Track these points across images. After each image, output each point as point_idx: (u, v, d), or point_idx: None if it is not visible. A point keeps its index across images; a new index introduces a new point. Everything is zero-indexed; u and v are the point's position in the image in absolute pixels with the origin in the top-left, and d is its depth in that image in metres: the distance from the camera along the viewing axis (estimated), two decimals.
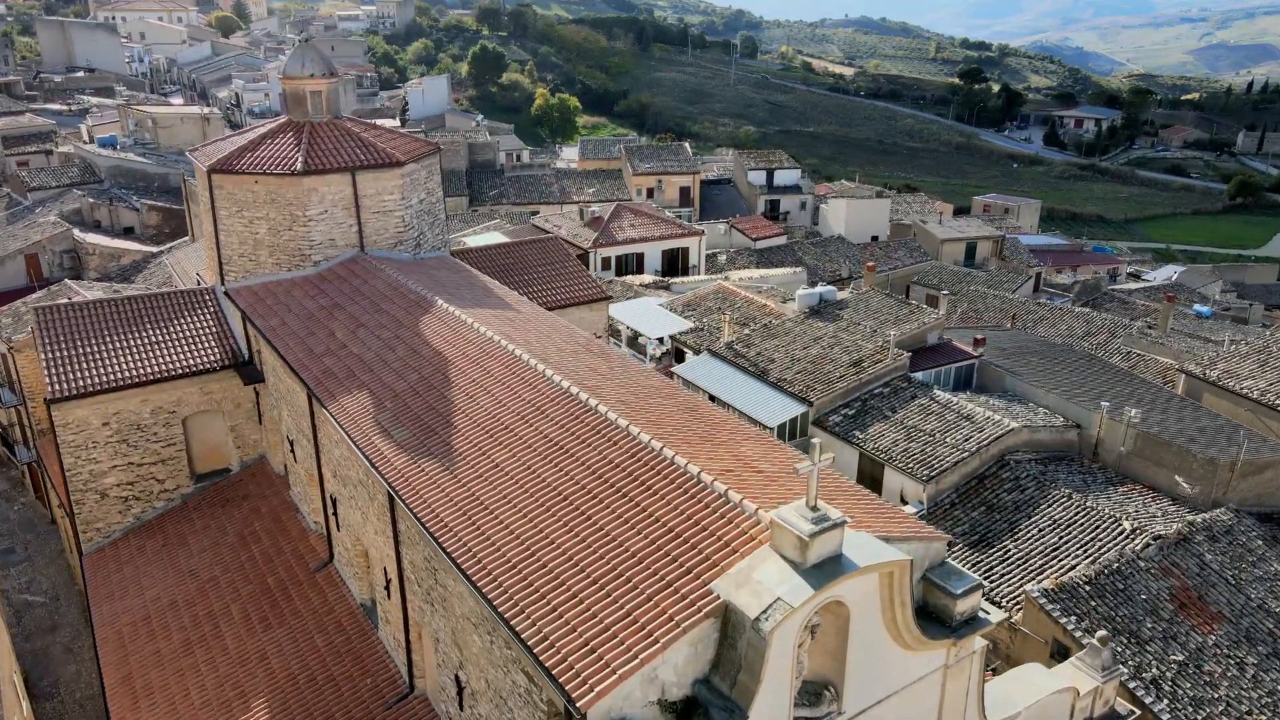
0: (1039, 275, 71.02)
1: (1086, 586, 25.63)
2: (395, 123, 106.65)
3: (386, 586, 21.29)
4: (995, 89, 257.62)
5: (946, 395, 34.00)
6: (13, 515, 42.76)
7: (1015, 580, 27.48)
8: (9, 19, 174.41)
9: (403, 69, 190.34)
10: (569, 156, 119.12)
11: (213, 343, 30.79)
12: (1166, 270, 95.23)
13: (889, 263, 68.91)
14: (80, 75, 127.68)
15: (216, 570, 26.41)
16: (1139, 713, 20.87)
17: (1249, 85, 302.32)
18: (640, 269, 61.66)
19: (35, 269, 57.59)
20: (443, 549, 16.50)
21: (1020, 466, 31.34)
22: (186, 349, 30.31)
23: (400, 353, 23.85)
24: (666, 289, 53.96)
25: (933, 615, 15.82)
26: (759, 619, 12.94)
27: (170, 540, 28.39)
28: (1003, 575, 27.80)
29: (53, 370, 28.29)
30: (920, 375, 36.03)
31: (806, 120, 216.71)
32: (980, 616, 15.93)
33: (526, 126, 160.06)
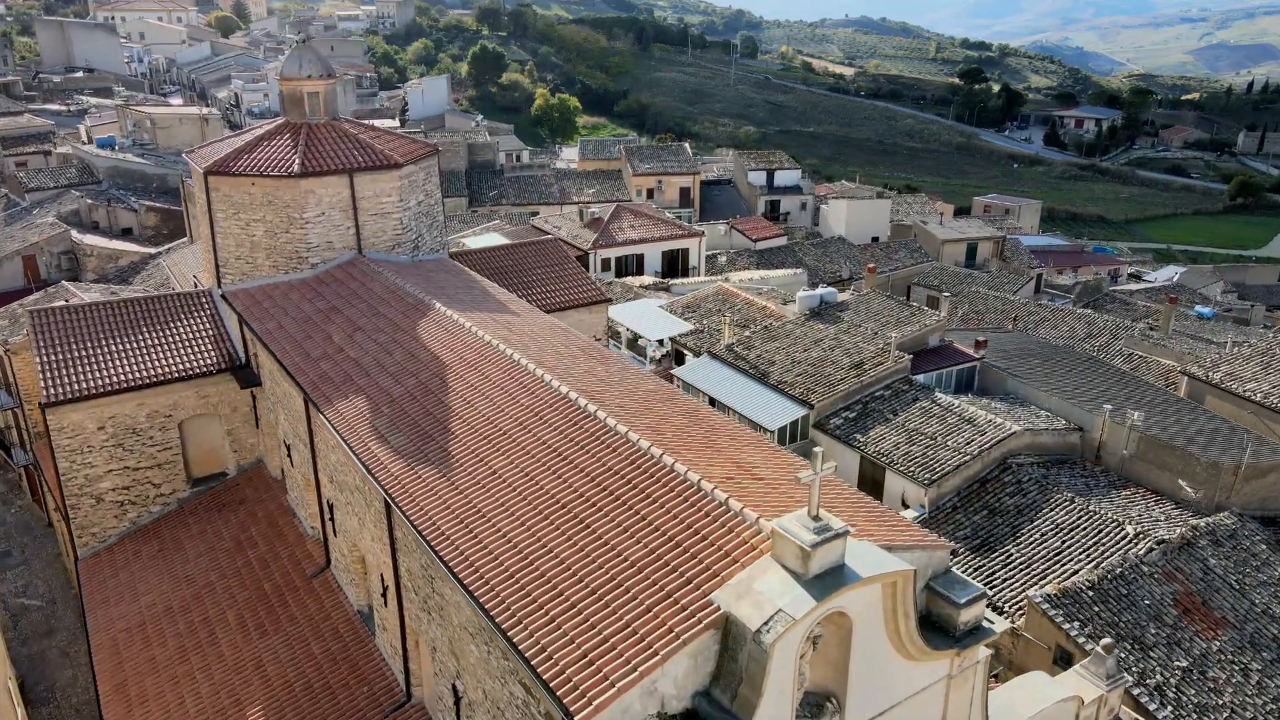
0: (1040, 276, 70.82)
1: (1090, 591, 25.44)
2: (395, 123, 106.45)
3: (384, 594, 21.08)
4: (995, 89, 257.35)
5: (948, 398, 33.80)
6: (9, 518, 42.56)
7: (1018, 585, 27.28)
8: (8, 19, 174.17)
9: (402, 69, 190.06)
10: (569, 157, 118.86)
11: (209, 346, 30.59)
12: (1167, 271, 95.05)
13: (889, 264, 68.71)
14: (79, 75, 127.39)
15: (212, 576, 26.21)
16: None
17: (1249, 85, 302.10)
18: (640, 270, 61.45)
19: (33, 270, 57.40)
20: (439, 558, 16.29)
21: (1022, 470, 31.14)
22: (183, 352, 30.10)
23: (398, 357, 23.64)
24: (666, 290, 53.75)
25: (936, 625, 15.61)
26: (760, 631, 12.74)
27: (166, 545, 28.18)
28: (1005, 580, 27.60)
29: (48, 374, 28.08)
30: (921, 378, 35.83)
31: (806, 120, 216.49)
32: (984, 626, 15.73)
33: (526, 127, 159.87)
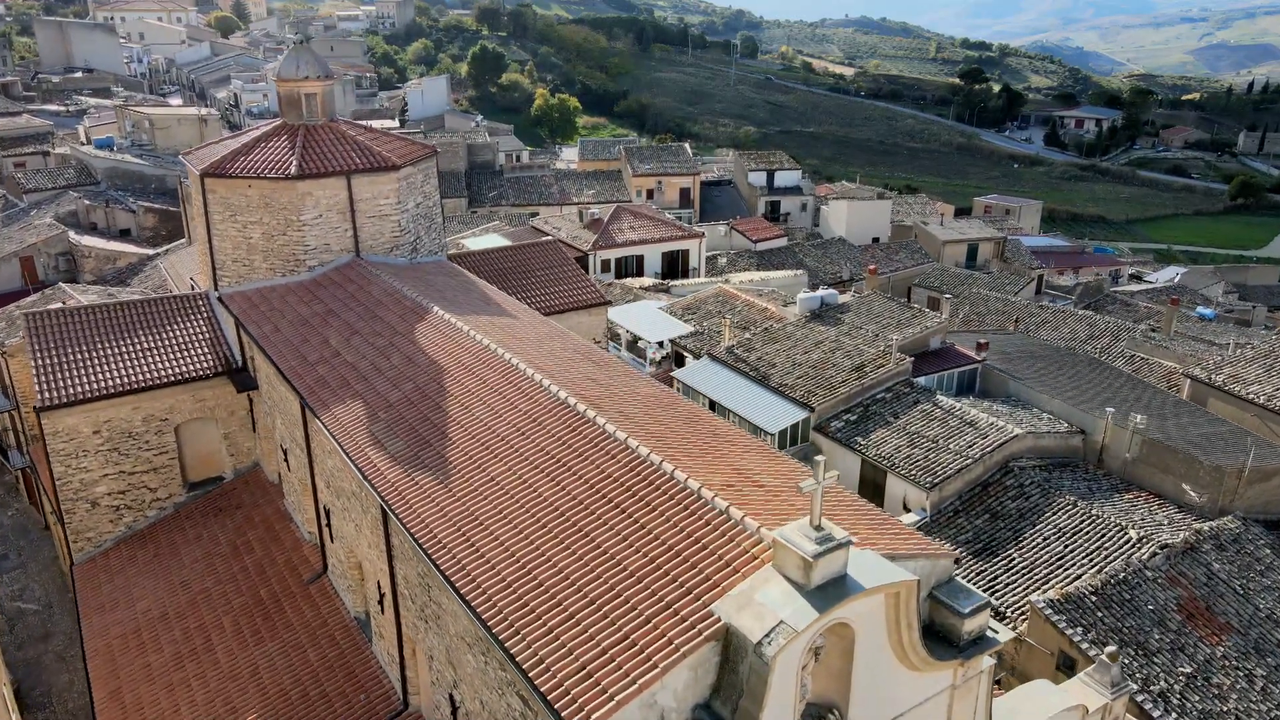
0: (1041, 277, 70.61)
1: (1093, 597, 25.23)
2: (394, 123, 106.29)
3: (380, 601, 20.88)
4: (996, 89, 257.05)
5: (949, 401, 33.59)
6: (6, 521, 42.34)
7: (1020, 590, 27.07)
8: (8, 19, 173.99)
9: (402, 69, 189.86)
10: (569, 157, 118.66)
11: (206, 349, 30.38)
12: (1168, 271, 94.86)
13: (890, 265, 68.52)
14: (78, 76, 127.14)
15: (209, 581, 26.00)
16: None
17: (1249, 85, 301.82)
18: (640, 271, 61.25)
19: (30, 271, 57.20)
20: (436, 566, 16.09)
21: (1024, 473, 30.93)
22: (179, 355, 29.90)
23: (395, 361, 23.43)
24: (666, 292, 53.54)
25: (939, 634, 15.41)
26: (761, 643, 12.53)
27: (162, 550, 27.98)
28: (1007, 585, 27.39)
29: (43, 377, 27.89)
30: (923, 380, 35.61)
31: (807, 121, 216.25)
32: (988, 636, 15.53)
33: (526, 127, 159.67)
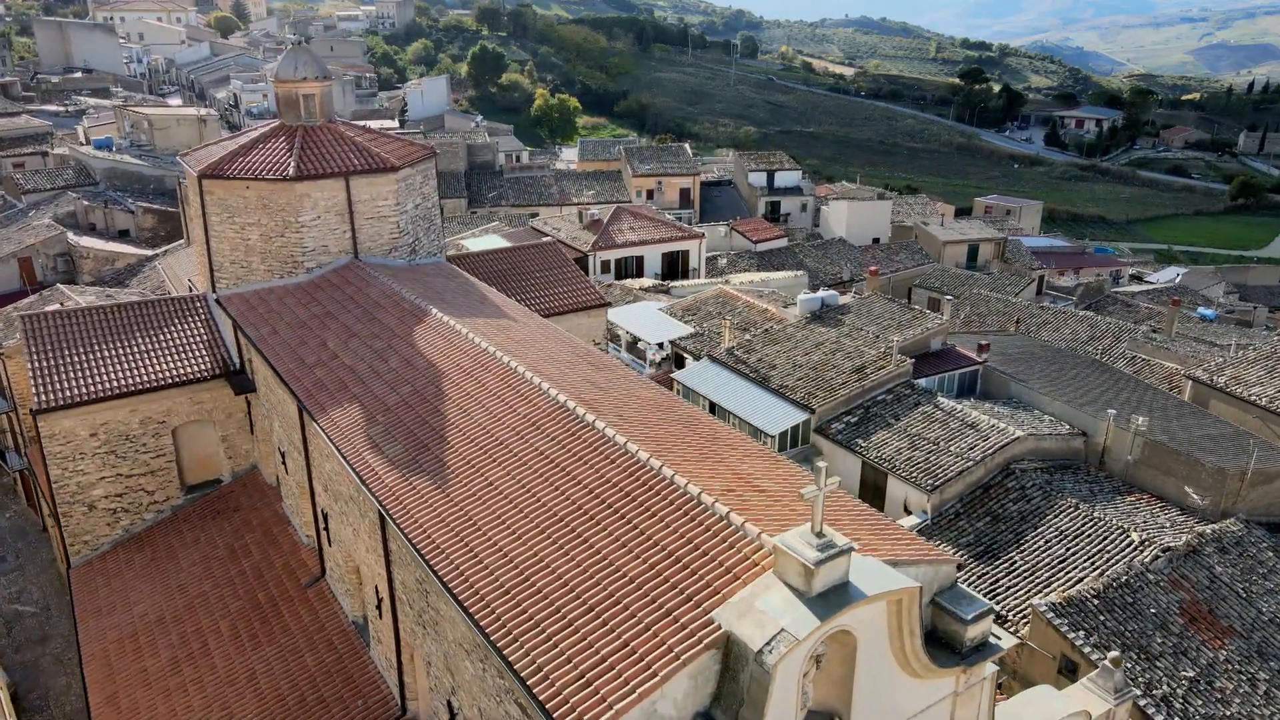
0: (1042, 278, 70.46)
1: (1095, 600, 25.09)
2: (394, 124, 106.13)
3: (378, 606, 20.74)
4: (996, 89, 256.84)
5: (950, 403, 33.45)
6: (4, 523, 42.18)
7: (1022, 593, 26.94)
8: (7, 19, 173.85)
9: (402, 69, 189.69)
10: (569, 157, 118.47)
11: (203, 351, 30.24)
12: (1169, 272, 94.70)
13: (890, 265, 68.37)
14: (78, 76, 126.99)
15: (206, 585, 25.86)
16: None
17: (1250, 85, 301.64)
18: (640, 272, 61.09)
19: (29, 272, 57.07)
20: (434, 572, 15.94)
21: (1026, 476, 30.79)
22: (177, 358, 29.76)
23: (393, 364, 23.29)
24: (666, 293, 53.39)
25: (942, 641, 15.27)
26: (762, 651, 12.39)
27: (159, 553, 27.84)
28: (1009, 588, 27.26)
29: (40, 380, 27.75)
30: (924, 382, 35.48)
31: (807, 121, 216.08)
32: (991, 642, 15.39)
33: (526, 127, 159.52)
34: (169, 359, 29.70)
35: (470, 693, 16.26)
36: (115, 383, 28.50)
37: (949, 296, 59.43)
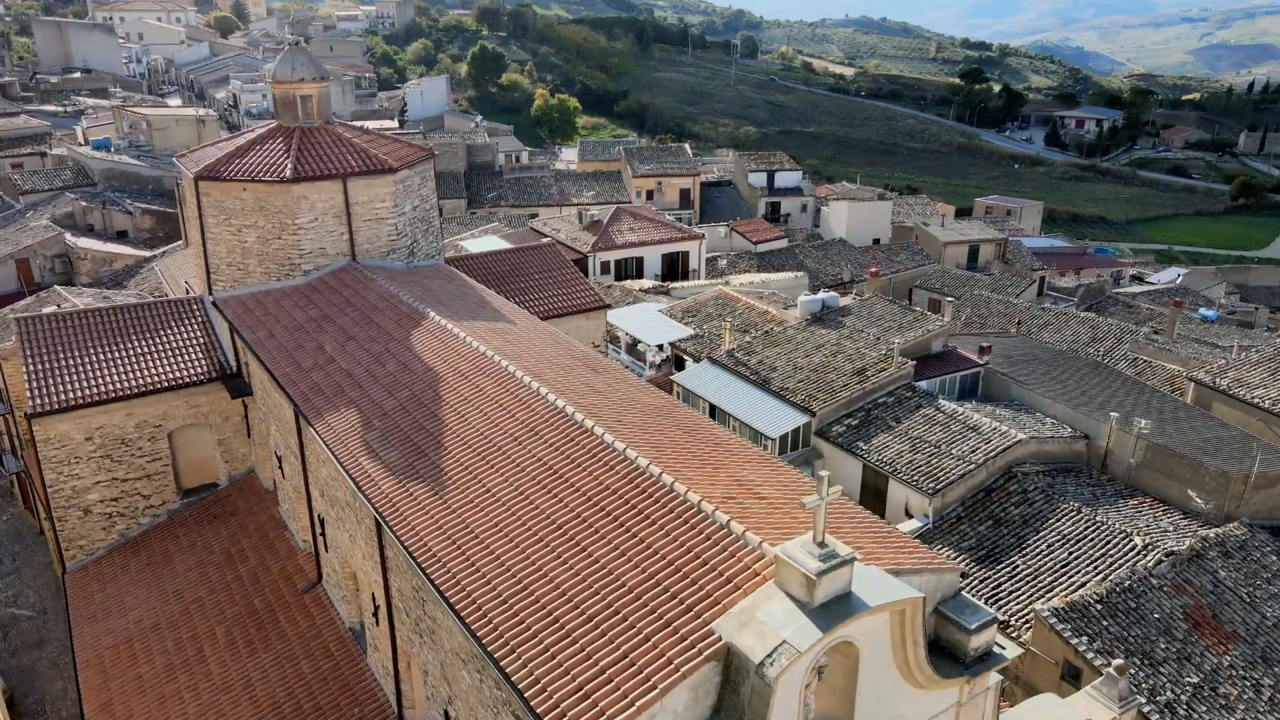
0: (1043, 279, 70.24)
1: (1098, 605, 24.88)
2: (393, 124, 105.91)
3: (375, 613, 20.54)
4: (996, 89, 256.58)
5: (952, 405, 33.24)
6: (1, 526, 41.98)
7: (1024, 598, 26.74)
8: (7, 19, 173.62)
9: (402, 69, 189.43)
10: (568, 158, 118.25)
11: (200, 354, 30.03)
12: (1170, 272, 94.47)
13: (891, 266, 68.17)
14: (77, 76, 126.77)
15: (202, 591, 25.65)
16: None
17: (1250, 85, 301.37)
18: (640, 273, 60.87)
19: (26, 274, 56.88)
20: (430, 581, 15.73)
21: (1028, 479, 30.59)
22: (172, 361, 29.55)
23: (390, 368, 23.08)
24: (666, 294, 53.17)
25: (945, 650, 15.07)
26: (763, 664, 12.19)
27: (155, 558, 27.62)
28: (1011, 593, 27.05)
29: (34, 383, 27.54)
30: (925, 384, 35.27)
31: (807, 121, 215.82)
32: (995, 652, 15.19)
33: (526, 127, 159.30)
34: (165, 362, 29.48)
35: (467, 703, 16.05)
36: (111, 386, 28.29)
37: (950, 298, 59.26)
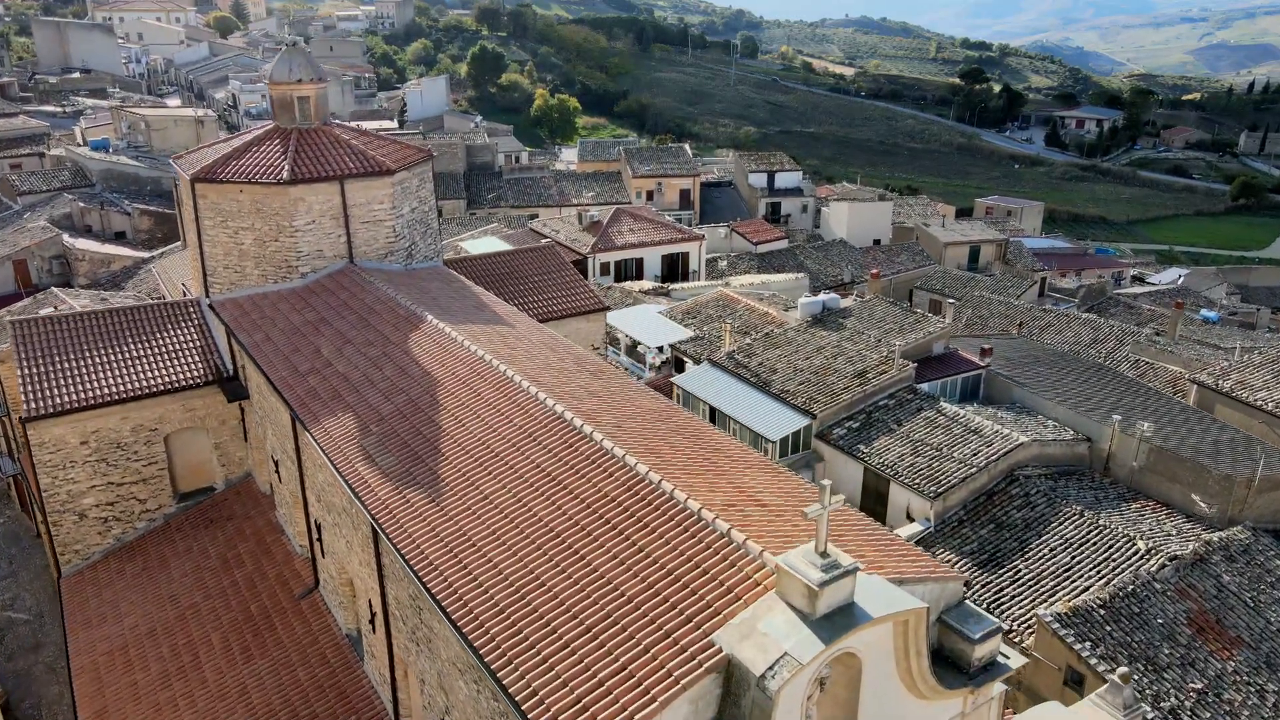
0: (1044, 280, 70.03)
1: (1101, 610, 24.67)
2: (393, 124, 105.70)
3: (372, 621, 20.33)
4: (996, 89, 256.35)
5: (953, 408, 33.03)
6: None
7: (1027, 603, 26.55)
8: (6, 19, 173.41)
9: (402, 69, 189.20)
10: (568, 158, 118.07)
11: (196, 357, 29.82)
12: (1171, 273, 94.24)
13: (892, 267, 67.97)
14: (76, 76, 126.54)
15: (198, 596, 25.44)
16: None
17: (1250, 85, 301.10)
18: (640, 274, 60.66)
19: (24, 275, 56.69)
20: (427, 589, 15.52)
21: (1030, 482, 30.38)
22: (169, 364, 29.34)
23: (388, 372, 22.88)
24: (666, 295, 52.98)
25: (949, 660, 14.86)
26: (765, 676, 11.98)
27: (151, 563, 27.42)
28: (1014, 597, 26.86)
29: (29, 387, 27.33)
30: (926, 386, 35.06)
31: (807, 121, 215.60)
32: (999, 662, 14.97)
33: (526, 127, 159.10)
34: (161, 365, 29.27)
35: (464, 713, 15.84)
36: (107, 389, 28.08)
37: (951, 299, 59.06)
